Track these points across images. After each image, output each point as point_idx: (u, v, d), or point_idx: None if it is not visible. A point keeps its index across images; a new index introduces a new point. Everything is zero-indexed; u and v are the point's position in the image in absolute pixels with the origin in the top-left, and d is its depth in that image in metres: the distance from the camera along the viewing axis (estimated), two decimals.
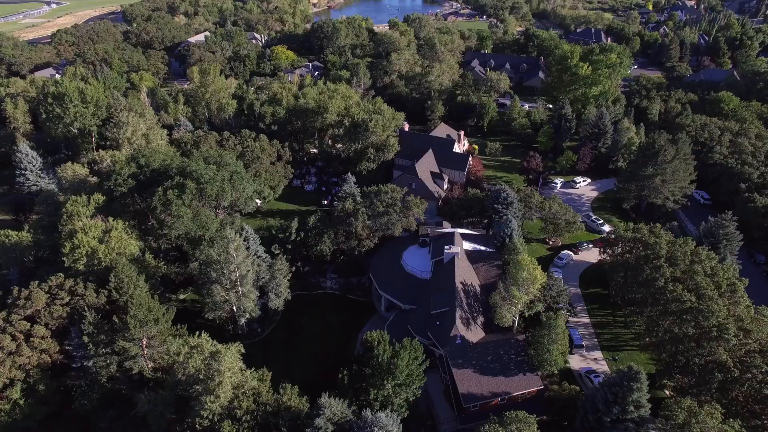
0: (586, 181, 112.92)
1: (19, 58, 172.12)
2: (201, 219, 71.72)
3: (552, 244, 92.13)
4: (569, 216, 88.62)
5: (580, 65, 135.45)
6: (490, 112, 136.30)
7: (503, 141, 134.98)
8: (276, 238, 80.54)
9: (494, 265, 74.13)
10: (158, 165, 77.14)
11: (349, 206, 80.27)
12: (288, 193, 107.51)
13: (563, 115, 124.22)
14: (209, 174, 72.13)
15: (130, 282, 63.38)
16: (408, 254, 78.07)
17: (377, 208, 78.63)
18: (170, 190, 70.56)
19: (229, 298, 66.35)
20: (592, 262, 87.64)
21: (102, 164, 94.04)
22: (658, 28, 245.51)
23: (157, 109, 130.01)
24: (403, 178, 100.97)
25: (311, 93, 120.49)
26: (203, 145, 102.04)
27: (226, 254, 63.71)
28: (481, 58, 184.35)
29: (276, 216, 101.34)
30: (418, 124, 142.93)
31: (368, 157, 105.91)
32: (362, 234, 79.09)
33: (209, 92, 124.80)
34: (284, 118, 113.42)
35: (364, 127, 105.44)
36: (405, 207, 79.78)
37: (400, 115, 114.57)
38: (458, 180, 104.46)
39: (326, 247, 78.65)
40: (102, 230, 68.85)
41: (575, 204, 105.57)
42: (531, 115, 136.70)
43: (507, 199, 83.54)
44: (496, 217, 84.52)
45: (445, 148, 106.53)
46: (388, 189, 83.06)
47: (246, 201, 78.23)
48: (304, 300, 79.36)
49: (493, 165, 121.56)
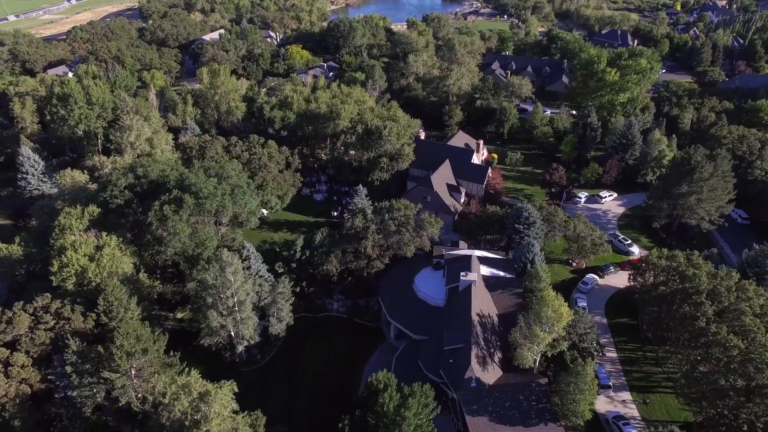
0: (612, 196, 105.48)
1: (33, 55, 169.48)
2: (199, 236, 66.63)
3: (575, 266, 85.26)
4: (595, 237, 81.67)
5: (608, 71, 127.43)
6: (511, 119, 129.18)
7: (524, 149, 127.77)
8: (280, 256, 75.15)
9: (514, 293, 67.77)
10: (156, 176, 72.24)
11: (359, 223, 74.51)
12: (296, 203, 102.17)
13: (588, 124, 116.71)
14: (208, 188, 66.93)
15: (119, 305, 58.69)
16: (420, 278, 72.06)
17: (389, 227, 72.72)
18: (167, 205, 65.55)
19: (226, 324, 61.23)
20: (619, 288, 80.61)
21: (103, 170, 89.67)
22: (687, 30, 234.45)
23: (166, 110, 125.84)
24: (418, 191, 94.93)
25: (324, 97, 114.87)
26: (209, 150, 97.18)
27: (223, 279, 58.50)
28: (501, 60, 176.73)
29: (283, 228, 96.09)
30: (435, 130, 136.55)
31: (381, 166, 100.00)
32: (372, 254, 73.30)
33: (219, 94, 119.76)
34: (294, 123, 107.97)
35: (377, 134, 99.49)
36: (419, 226, 73.70)
37: (416, 122, 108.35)
38: (476, 193, 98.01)
39: (333, 267, 73.06)
40: (94, 247, 64.14)
41: (600, 221, 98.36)
42: (554, 123, 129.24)
43: (529, 219, 76.96)
44: (517, 237, 78.06)
45: (462, 158, 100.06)
46: (401, 206, 77.08)
47: (248, 216, 72.95)
48: (309, 323, 73.93)
49: (512, 176, 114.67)
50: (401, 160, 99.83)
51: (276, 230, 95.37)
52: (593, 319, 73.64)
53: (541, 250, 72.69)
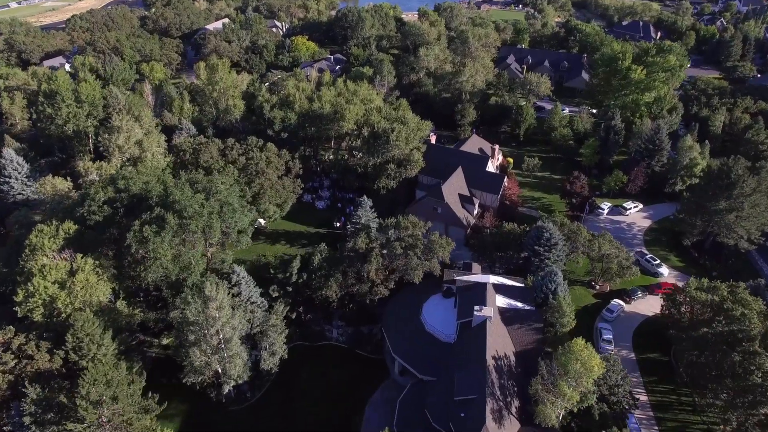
0: (637, 207, 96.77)
1: (30, 45, 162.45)
2: (183, 260, 59.49)
3: (599, 290, 77.23)
4: (622, 258, 73.55)
5: (633, 68, 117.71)
6: (528, 119, 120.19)
7: (541, 152, 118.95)
8: (275, 279, 67.95)
9: (533, 328, 60.11)
10: (139, 189, 65.00)
11: (362, 244, 66.96)
12: (297, 210, 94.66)
13: (612, 127, 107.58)
14: (194, 206, 59.57)
15: (91, 342, 51.92)
16: (429, 307, 64.54)
17: (395, 249, 65.09)
18: (147, 225, 58.35)
19: (211, 362, 54.36)
20: (648, 316, 72.65)
21: (87, 177, 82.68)
22: (713, 21, 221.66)
23: (162, 107, 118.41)
24: (427, 202, 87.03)
25: (328, 95, 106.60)
26: (203, 154, 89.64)
27: (206, 315, 51.44)
28: (517, 53, 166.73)
29: (281, 239, 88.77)
30: (447, 129, 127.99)
31: (388, 173, 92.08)
32: (376, 279, 65.85)
33: (217, 90, 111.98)
34: (296, 124, 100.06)
35: (384, 138, 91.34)
36: (428, 249, 66.00)
37: (427, 125, 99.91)
38: (490, 204, 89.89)
39: (333, 292, 65.75)
40: (66, 271, 57.28)
41: (625, 236, 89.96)
42: (573, 124, 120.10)
43: (550, 240, 68.93)
44: (536, 260, 70.17)
45: (476, 166, 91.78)
46: (408, 224, 69.33)
47: (239, 236, 65.62)
48: (305, 352, 66.85)
49: (529, 182, 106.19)
50: (410, 166, 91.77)
51: (273, 242, 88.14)
52: (620, 353, 66.30)
53: (564, 281, 64.65)
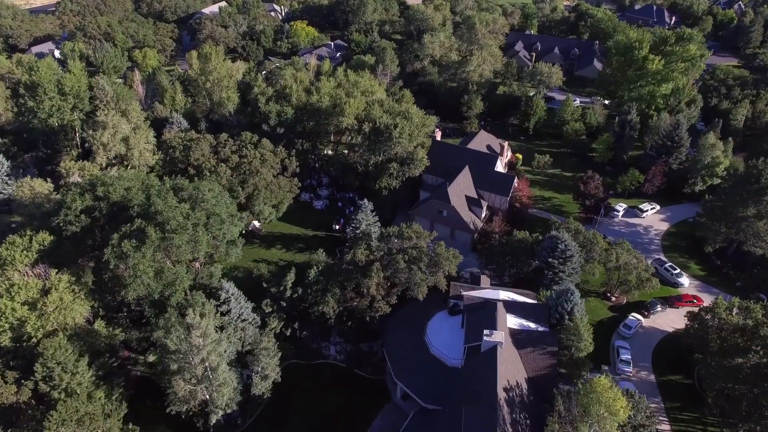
0: (654, 209, 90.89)
1: (18, 30, 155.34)
2: (167, 277, 54.25)
3: (615, 302, 72.01)
4: (641, 269, 68.14)
5: (650, 58, 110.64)
6: (538, 112, 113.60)
7: (551, 146, 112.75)
8: (268, 292, 62.79)
9: (547, 352, 54.90)
10: (120, 197, 59.49)
11: (361, 256, 61.58)
12: (294, 211, 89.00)
13: (628, 122, 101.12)
14: (177, 219, 54.09)
15: (63, 372, 47.15)
16: (434, 326, 59.35)
17: (397, 264, 59.70)
18: (126, 240, 52.99)
19: (196, 392, 49.60)
20: (668, 332, 67.50)
21: (69, 178, 77.16)
22: (731, 5, 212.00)
23: (153, 98, 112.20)
24: (432, 204, 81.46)
25: (327, 86, 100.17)
26: (194, 151, 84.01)
27: (189, 344, 46.44)
28: (525, 40, 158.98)
29: (276, 243, 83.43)
30: (452, 121, 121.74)
31: (390, 172, 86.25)
32: (376, 294, 60.63)
33: (210, 81, 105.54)
34: (292, 119, 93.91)
35: (386, 134, 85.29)
36: (433, 262, 60.62)
37: (432, 120, 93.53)
38: (499, 206, 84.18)
39: (330, 308, 60.64)
40: (38, 290, 52.23)
41: (641, 240, 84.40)
42: (586, 117, 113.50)
43: (566, 253, 63.45)
44: (549, 273, 64.80)
45: (484, 165, 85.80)
46: (411, 233, 63.79)
47: (228, 249, 60.24)
48: (300, 372, 62.02)
49: (539, 180, 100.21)
50: (413, 165, 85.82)
51: (269, 246, 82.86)
52: (638, 374, 61.36)
53: (581, 300, 59.27)
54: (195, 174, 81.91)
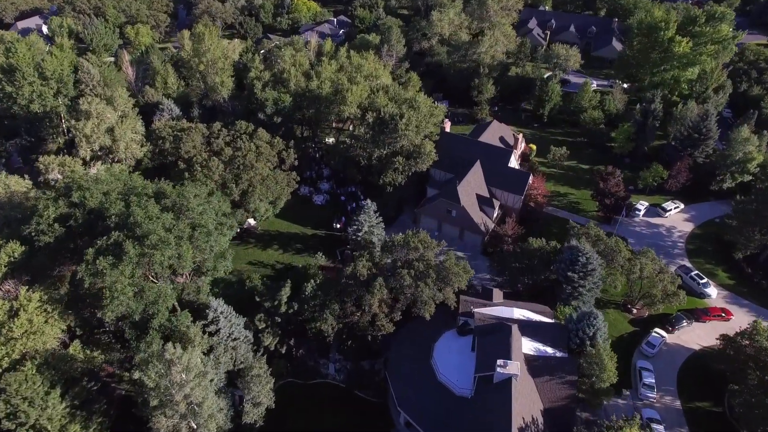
0: (678, 208, 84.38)
1: (2, 2, 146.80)
2: (147, 296, 48.90)
3: (636, 314, 66.51)
4: (668, 282, 62.41)
5: (677, 40, 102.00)
6: (554, 98, 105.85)
7: (566, 135, 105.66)
8: (261, 307, 57.53)
9: (565, 382, 49.75)
10: (97, 204, 53.69)
11: (363, 271, 55.93)
12: (292, 206, 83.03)
13: (651, 111, 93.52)
14: (159, 233, 48.35)
15: (30, 407, 42.41)
16: (441, 348, 54.14)
17: (402, 280, 54.09)
18: (102, 256, 47.45)
19: (180, 427, 44.91)
20: (694, 350, 62.15)
21: (49, 174, 71.30)
22: None
23: (144, 81, 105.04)
24: (440, 204, 75.37)
25: (328, 70, 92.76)
26: (185, 143, 77.72)
27: (169, 380, 41.45)
28: (539, 16, 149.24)
29: (273, 243, 77.84)
30: (462, 106, 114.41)
31: (395, 167, 79.84)
32: (379, 312, 55.30)
33: (204, 63, 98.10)
34: (290, 107, 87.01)
35: (392, 125, 78.52)
36: (441, 278, 54.97)
37: (441, 110, 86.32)
38: (512, 204, 77.92)
39: (328, 326, 55.46)
40: (4, 312, 47.10)
41: (664, 244, 78.28)
42: (604, 104, 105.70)
43: (587, 267, 57.56)
44: (568, 287, 59.12)
45: (497, 160, 79.09)
46: (418, 243, 57.88)
47: (216, 263, 54.63)
48: (296, 392, 57.31)
49: (554, 174, 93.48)
50: (420, 159, 79.20)
51: (265, 246, 77.33)
52: (662, 399, 56.32)
53: (604, 323, 53.66)
54: (185, 168, 75.94)
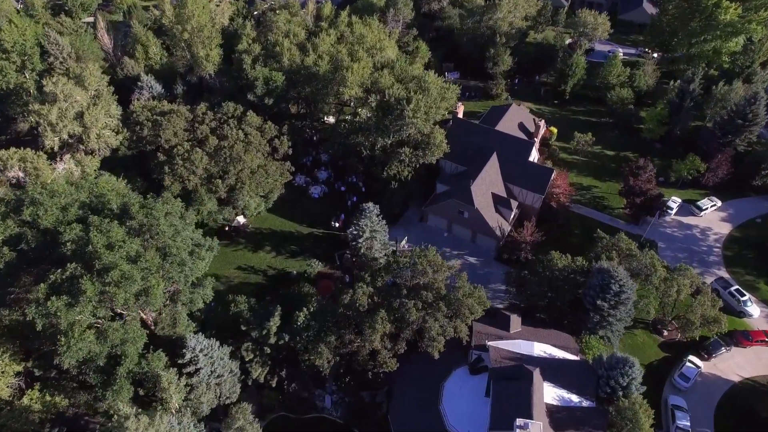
0: (714, 206, 75.52)
1: None
2: (112, 338, 41.79)
3: (666, 337, 59.36)
4: (708, 306, 54.85)
5: (724, 5, 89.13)
6: (578, 73, 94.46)
7: (589, 114, 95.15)
8: (247, 336, 50.54)
9: None
10: (52, 223, 45.70)
11: (363, 299, 48.37)
12: (287, 199, 74.55)
13: (689, 92, 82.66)
14: (122, 267, 40.56)
15: None
16: (451, 389, 47.44)
17: (408, 314, 46.60)
18: (55, 296, 40.00)
19: None
20: (734, 382, 55.38)
21: (9, 172, 62.76)
22: None
23: (123, 50, 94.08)
24: (451, 204, 66.91)
25: (326, 42, 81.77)
26: (166, 130, 68.75)
27: None
28: None
29: (264, 244, 69.98)
30: (475, 78, 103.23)
31: (401, 158, 70.79)
32: (381, 348, 48.25)
33: (188, 31, 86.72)
34: (282, 86, 76.79)
35: (398, 111, 68.82)
36: (453, 311, 47.46)
37: (453, 91, 75.86)
38: (531, 203, 69.27)
39: (323, 360, 48.63)
40: None
41: (698, 249, 70.04)
42: (634, 79, 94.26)
43: (620, 295, 49.76)
44: (595, 315, 51.60)
45: (516, 153, 69.64)
46: (426, 266, 49.85)
47: (194, 295, 47.01)
48: (289, 427, 51.47)
49: (576, 162, 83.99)
50: (429, 150, 69.98)
51: (256, 247, 69.57)
52: None
53: (641, 372, 46.38)
54: (165, 161, 67.34)
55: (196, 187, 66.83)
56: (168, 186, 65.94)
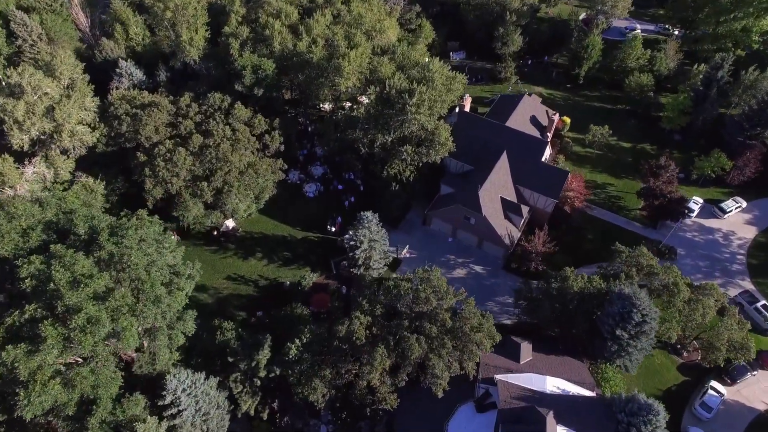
0: (739, 207, 70.01)
1: None
2: (81, 385, 37.29)
3: (686, 358, 55.14)
4: (735, 331, 50.35)
5: None
6: (594, 55, 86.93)
7: (603, 100, 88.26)
8: (235, 368, 46.16)
9: None
10: (10, 251, 40.46)
11: (360, 332, 43.66)
12: (279, 198, 68.82)
13: (716, 80, 75.64)
14: (88, 310, 35.60)
15: None
16: (456, 428, 43.49)
17: (411, 350, 41.96)
18: (12, 345, 35.28)
19: None
20: (760, 411, 51.43)
21: None
22: None
23: (102, 30, 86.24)
24: (456, 210, 61.48)
25: (320, 24, 74.17)
26: (146, 125, 62.68)
27: None
28: None
29: (256, 250, 64.74)
30: (482, 58, 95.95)
31: (403, 157, 64.85)
32: (379, 385, 43.93)
33: (170, 8, 78.72)
34: (273, 75, 69.82)
35: (399, 105, 62.37)
36: (459, 346, 42.85)
37: (459, 81, 68.76)
38: (543, 207, 63.79)
39: (318, 395, 44.45)
40: None
41: (720, 256, 65.01)
42: (654, 62, 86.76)
43: (643, 326, 45.05)
44: (613, 345, 47.05)
45: (528, 153, 63.53)
46: (428, 293, 44.93)
47: (175, 332, 42.10)
48: None
49: (590, 156, 77.87)
50: (433, 148, 63.90)
51: (246, 254, 64.44)
52: None
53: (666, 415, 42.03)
54: (146, 162, 61.56)
55: (179, 190, 61.37)
56: (149, 190, 60.59)
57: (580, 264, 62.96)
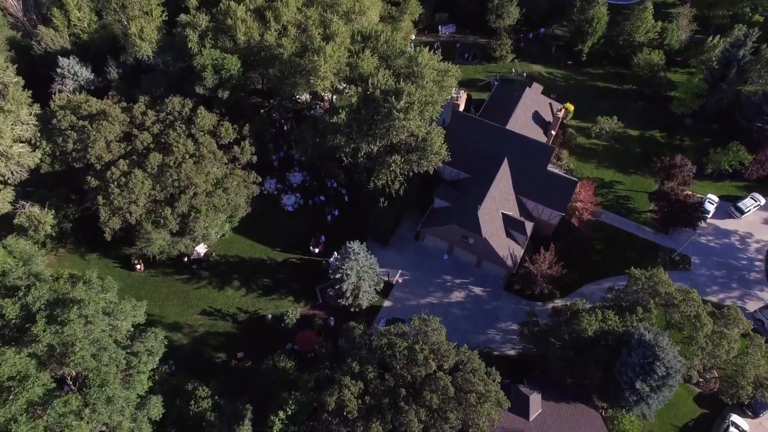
0: (757, 205, 64.34)
1: None
2: None
3: (703, 388, 51.10)
4: (763, 366, 46.00)
5: None
6: (599, 29, 77.85)
7: (608, 79, 79.98)
8: None
9: None
10: None
11: (351, 404, 38.18)
12: (255, 213, 61.00)
13: (736, 59, 67.86)
14: (34, 389, 29.39)
15: None
16: None
17: (410, 426, 36.73)
18: None
19: None
20: None
21: None
22: None
23: (40, 17, 74.52)
24: (452, 230, 54.97)
25: (291, 7, 63.81)
26: (96, 141, 54.23)
27: None
28: None
29: (232, 277, 57.93)
30: (473, 33, 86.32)
31: (391, 168, 57.39)
32: None
33: None
34: (238, 75, 60.40)
35: (385, 109, 54.21)
36: (463, 417, 37.71)
37: (453, 74, 59.86)
38: (548, 219, 57.49)
39: None
40: None
41: (737, 262, 59.94)
42: (665, 36, 78.06)
43: (667, 379, 40.16)
44: (632, 396, 42.34)
45: (533, 160, 55.98)
46: (422, 355, 39.16)
47: (137, 427, 35.92)
48: None
49: (596, 148, 70.79)
50: (425, 156, 56.25)
51: (222, 283, 57.65)
52: None
53: None
54: (98, 188, 53.68)
55: (140, 219, 53.83)
56: (105, 221, 53.04)
57: (588, 280, 58.04)
